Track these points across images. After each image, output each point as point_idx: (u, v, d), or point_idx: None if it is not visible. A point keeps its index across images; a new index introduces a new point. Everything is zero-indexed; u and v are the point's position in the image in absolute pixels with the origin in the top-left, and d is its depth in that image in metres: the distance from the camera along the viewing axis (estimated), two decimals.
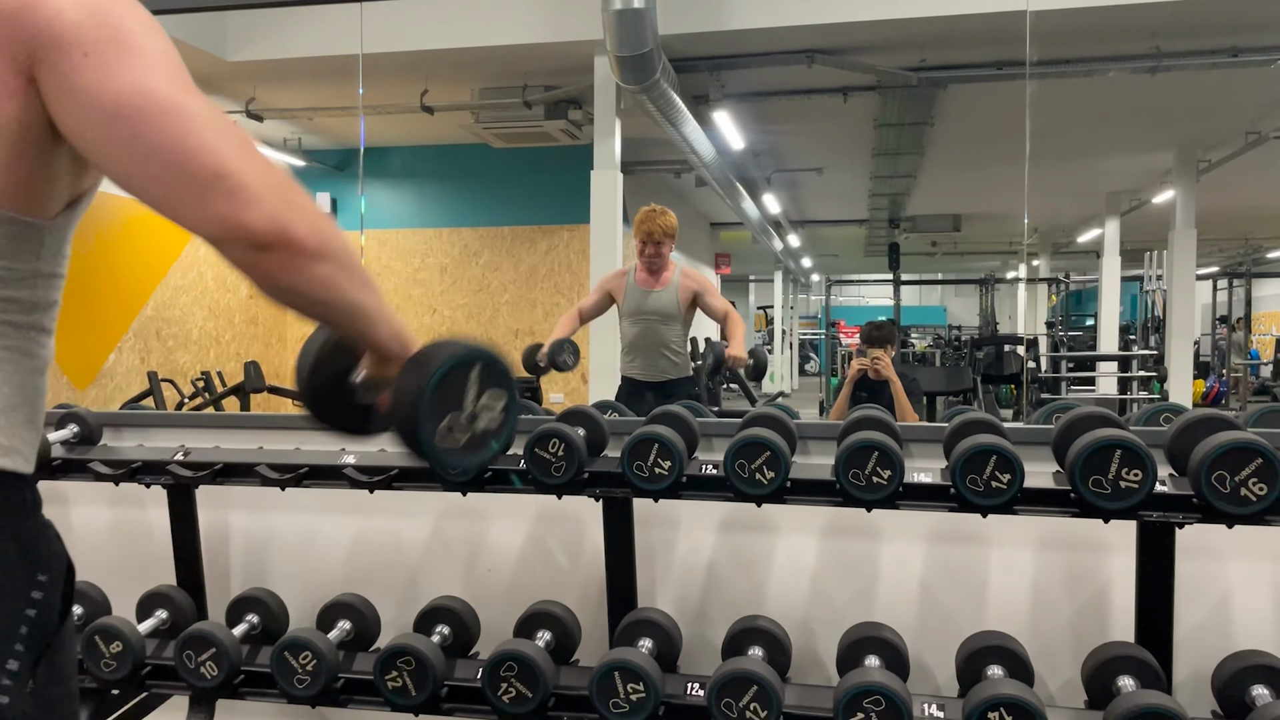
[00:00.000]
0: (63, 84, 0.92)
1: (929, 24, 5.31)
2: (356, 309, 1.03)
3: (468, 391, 1.10)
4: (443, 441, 1.08)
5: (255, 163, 0.94)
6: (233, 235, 0.92)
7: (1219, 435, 1.60)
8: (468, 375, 1.10)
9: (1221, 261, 16.31)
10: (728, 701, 1.68)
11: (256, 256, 0.93)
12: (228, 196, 0.91)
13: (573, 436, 1.87)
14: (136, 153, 0.92)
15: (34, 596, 0.97)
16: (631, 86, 5.30)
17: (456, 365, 1.08)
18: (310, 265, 0.96)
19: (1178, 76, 5.95)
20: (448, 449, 1.09)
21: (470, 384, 1.10)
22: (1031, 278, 15.55)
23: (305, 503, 2.37)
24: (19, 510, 0.99)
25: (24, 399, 1.01)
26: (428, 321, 9.08)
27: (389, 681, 1.88)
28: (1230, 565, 1.96)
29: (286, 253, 0.93)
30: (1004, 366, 10.25)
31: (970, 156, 9.38)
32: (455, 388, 1.09)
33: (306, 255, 0.95)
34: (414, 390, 1.06)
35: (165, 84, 0.93)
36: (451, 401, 1.09)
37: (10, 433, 0.99)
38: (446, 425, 1.08)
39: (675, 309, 3.93)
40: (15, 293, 0.99)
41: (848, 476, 1.73)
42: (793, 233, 14.52)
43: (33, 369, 1.02)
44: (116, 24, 0.94)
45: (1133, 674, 1.69)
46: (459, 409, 1.09)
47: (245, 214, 0.91)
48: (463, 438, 1.10)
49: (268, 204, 0.92)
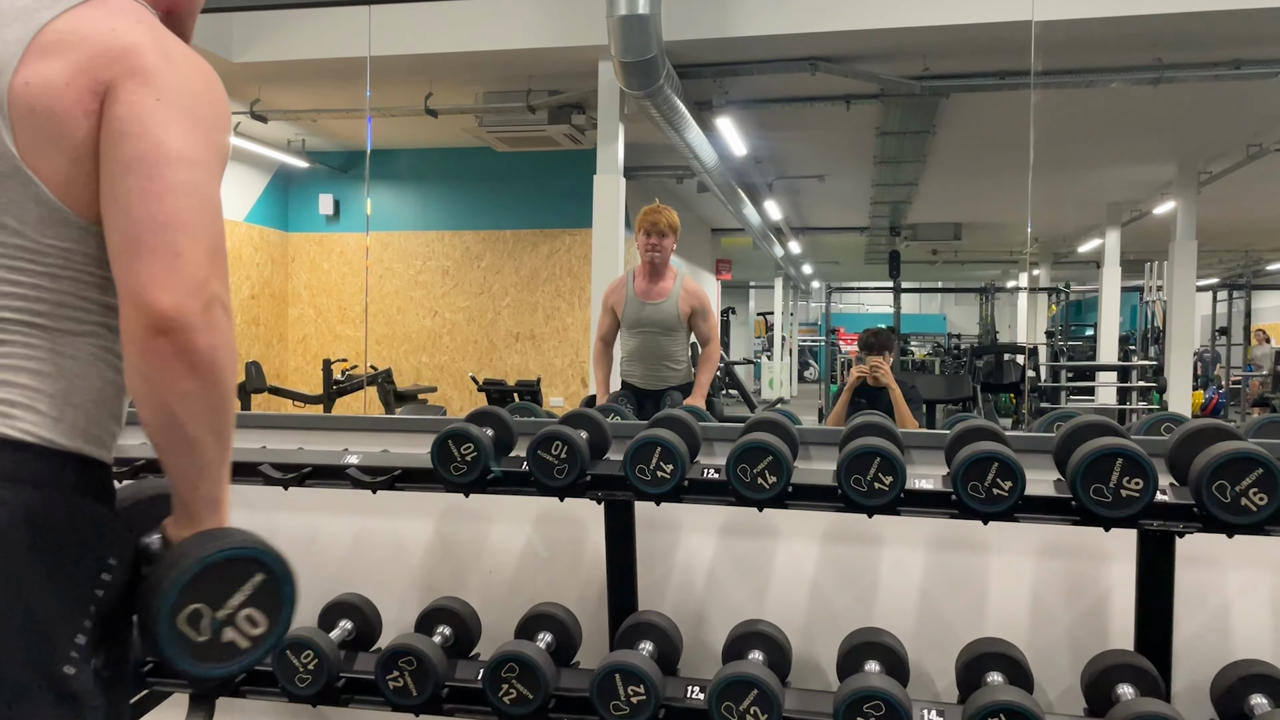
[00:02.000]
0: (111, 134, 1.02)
1: (932, 33, 5.32)
2: (199, 446, 1.04)
3: (234, 594, 1.03)
4: (181, 625, 1.01)
5: (213, 264, 1.02)
6: (140, 303, 0.98)
7: (1220, 445, 1.60)
8: (245, 579, 1.04)
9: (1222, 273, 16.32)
10: (728, 705, 1.69)
11: (148, 336, 0.98)
12: (160, 268, 0.98)
13: (575, 439, 1.88)
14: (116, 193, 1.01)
15: (104, 579, 1.04)
16: (635, 92, 5.31)
17: (239, 559, 1.03)
18: (186, 374, 0.99)
19: (1180, 88, 5.96)
20: (181, 635, 1.01)
21: (242, 589, 1.03)
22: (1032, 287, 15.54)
23: (308, 502, 2.37)
24: (99, 496, 1.08)
25: (113, 395, 1.10)
26: (429, 323, 9.08)
27: (390, 681, 1.88)
28: (1230, 575, 1.96)
29: (172, 347, 0.98)
30: (1003, 375, 10.25)
31: (972, 165, 9.39)
32: (225, 582, 1.02)
33: (188, 363, 0.99)
34: (181, 557, 1.01)
35: (187, 160, 1.03)
36: (212, 593, 1.02)
37: (100, 424, 1.08)
38: (192, 611, 1.01)
39: (675, 320, 3.91)
40: (108, 299, 1.07)
41: (849, 482, 1.74)
42: (793, 239, 14.52)
43: (118, 367, 1.09)
44: (192, 94, 1.07)
45: (1132, 682, 1.70)
46: (214, 605, 1.02)
47: (157, 290, 0.98)
48: (203, 637, 1.02)
49: (185, 282, 0.99)
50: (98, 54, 1.03)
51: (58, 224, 1.03)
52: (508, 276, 8.97)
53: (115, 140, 1.01)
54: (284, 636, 1.08)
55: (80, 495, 1.04)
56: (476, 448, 1.91)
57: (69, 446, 1.04)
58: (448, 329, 9.08)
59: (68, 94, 1.02)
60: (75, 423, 1.04)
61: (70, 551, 1.01)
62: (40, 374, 1.03)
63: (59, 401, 1.03)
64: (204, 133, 1.05)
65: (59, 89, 1.01)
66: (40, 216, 1.02)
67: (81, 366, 1.06)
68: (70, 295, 1.05)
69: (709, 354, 4.00)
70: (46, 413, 1.02)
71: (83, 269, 1.05)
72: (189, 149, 1.02)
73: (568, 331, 8.81)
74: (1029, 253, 15.53)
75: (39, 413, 1.02)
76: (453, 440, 1.91)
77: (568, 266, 8.83)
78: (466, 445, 1.91)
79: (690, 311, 3.90)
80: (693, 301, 3.91)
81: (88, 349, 1.07)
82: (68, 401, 1.04)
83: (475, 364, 8.92)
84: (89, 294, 1.06)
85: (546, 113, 6.72)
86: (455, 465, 1.91)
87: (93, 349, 1.07)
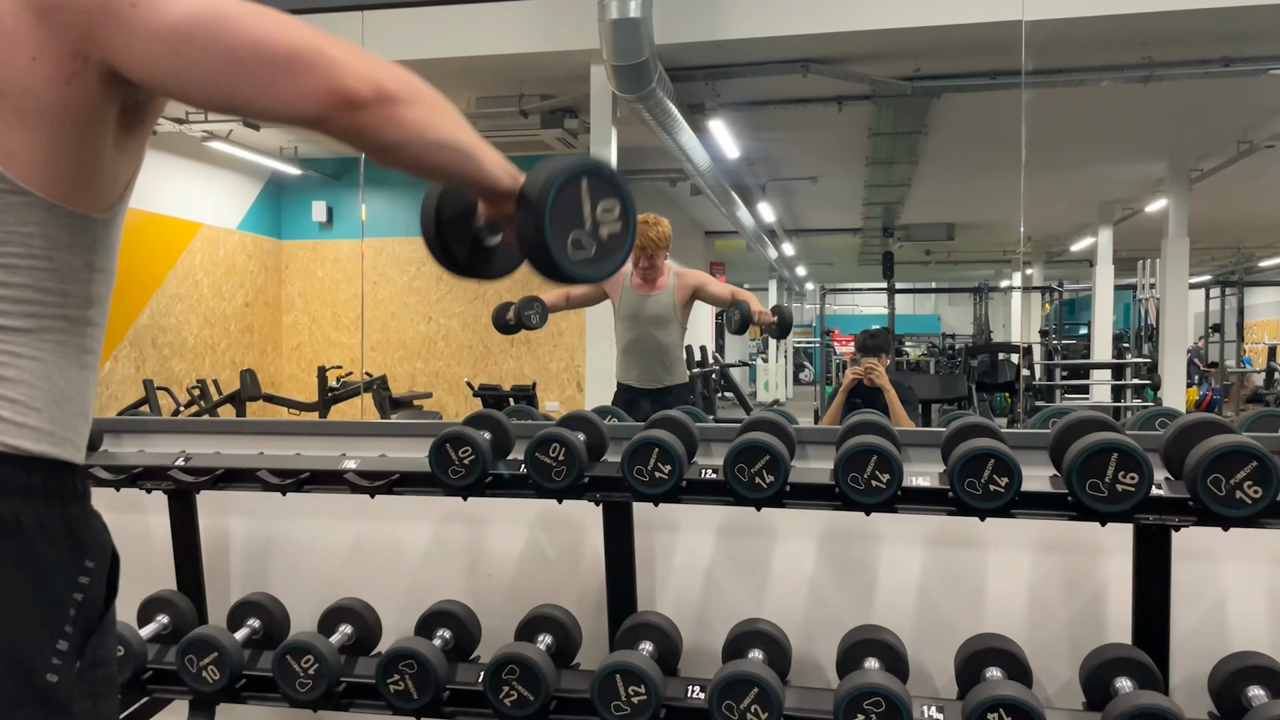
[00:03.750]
0: (123, 38, 0.95)
1: (923, 34, 5.34)
2: (462, 147, 1.05)
3: (583, 205, 1.13)
4: (575, 257, 1.12)
5: (322, 35, 0.97)
6: (332, 101, 0.95)
7: (1214, 439, 1.61)
8: (579, 190, 1.12)
9: (1214, 270, 16.38)
10: (729, 704, 1.69)
11: (359, 117, 0.96)
12: (314, 69, 0.95)
13: (573, 441, 1.88)
14: (214, 63, 0.95)
15: (81, 582, 1.02)
16: (628, 95, 5.32)
17: (565, 184, 1.11)
18: (410, 112, 0.99)
19: (1170, 86, 5.99)
20: (581, 262, 1.13)
21: (584, 197, 1.13)
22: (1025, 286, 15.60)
23: (306, 508, 2.37)
24: (70, 498, 1.04)
25: (77, 392, 1.05)
26: (423, 329, 9.08)
27: (391, 685, 1.88)
28: (1226, 568, 1.97)
29: (386, 105, 0.97)
30: (998, 375, 10.27)
31: (964, 165, 9.42)
32: (571, 205, 1.12)
33: (404, 103, 0.98)
34: (535, 217, 1.09)
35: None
36: (572, 219, 1.12)
37: (64, 424, 1.04)
38: (573, 241, 1.12)
39: (672, 313, 3.91)
40: (70, 286, 1.02)
41: (847, 480, 1.74)
42: (787, 241, 14.56)
43: (85, 363, 1.06)
44: None
45: (1130, 675, 1.71)
46: (580, 225, 1.12)
47: (336, 78, 0.95)
48: (591, 249, 1.13)
49: (353, 65, 0.96)
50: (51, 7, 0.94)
51: (21, 208, 0.97)
52: (502, 282, 8.94)
53: (178, 41, 0.93)
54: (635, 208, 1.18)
55: (51, 500, 1.01)
56: (474, 451, 1.91)
57: (35, 451, 1.00)
58: (442, 334, 9.07)
59: (39, 69, 0.94)
60: (40, 426, 1.01)
61: (44, 558, 0.99)
62: (0, 379, 0.99)
63: (21, 407, 0.99)
64: None
65: (24, 64, 0.94)
66: (3, 205, 0.96)
67: (43, 367, 1.01)
68: (28, 289, 0.99)
69: (741, 293, 3.92)
70: (9, 419, 0.98)
71: (42, 254, 0.99)
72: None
73: (563, 336, 8.80)
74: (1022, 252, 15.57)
75: (1, 419, 0.98)
76: (450, 444, 1.92)
77: None
78: (464, 449, 1.91)
79: (691, 294, 3.88)
80: (692, 282, 3.88)
81: (48, 346, 1.02)
82: (30, 405, 1.00)
83: (470, 369, 8.92)
84: (46, 284, 1.00)
85: (539, 117, 6.73)
86: (453, 469, 1.92)
87: (53, 345, 1.02)
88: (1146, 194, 10.09)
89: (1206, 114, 7.37)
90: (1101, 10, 5.01)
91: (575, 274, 1.13)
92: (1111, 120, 7.51)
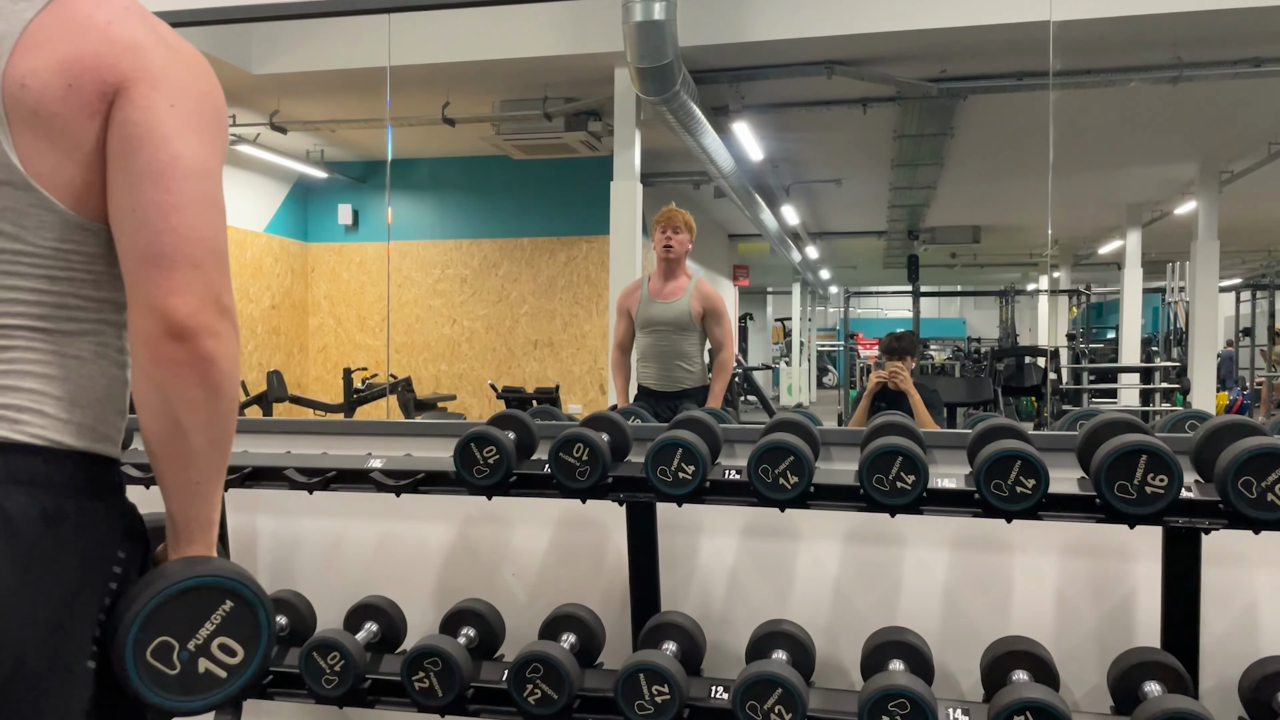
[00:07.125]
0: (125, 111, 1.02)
1: (949, 34, 5.31)
2: (197, 460, 1.06)
3: (203, 625, 1.02)
4: (149, 658, 0.99)
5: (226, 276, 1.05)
6: (170, 319, 1.00)
7: (1245, 441, 1.59)
8: (213, 608, 1.03)
9: (1244, 273, 16.16)
10: (752, 704, 1.69)
11: (188, 345, 1.01)
12: (192, 286, 1.01)
13: (597, 441, 1.89)
14: (134, 203, 1.01)
15: (115, 571, 1.07)
16: (651, 98, 5.32)
17: (203, 589, 1.02)
18: (196, 381, 1.02)
19: (1200, 87, 5.92)
20: (150, 668, 1.00)
21: (211, 619, 1.02)
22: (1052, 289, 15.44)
23: (332, 506, 2.39)
24: (111, 490, 1.11)
25: (117, 390, 1.12)
26: (448, 332, 9.12)
27: (416, 682, 1.89)
28: (1257, 572, 1.95)
29: (187, 353, 1.01)
30: (1024, 378, 10.17)
31: (990, 168, 9.35)
32: (192, 612, 1.01)
33: (200, 370, 1.02)
34: (143, 589, 1.01)
35: (202, 172, 1.04)
36: (179, 625, 1.01)
37: (107, 421, 1.10)
38: (159, 644, 1.00)
39: (688, 319, 3.92)
40: (112, 294, 1.09)
41: (872, 482, 1.74)
42: (811, 244, 14.49)
43: (123, 363, 1.13)
44: (199, 97, 1.07)
45: (1159, 680, 1.69)
46: (183, 637, 1.01)
47: (190, 304, 1.00)
48: (175, 669, 1.00)
49: (215, 302, 1.03)
50: (98, 53, 1.01)
51: (58, 227, 1.03)
52: (525, 284, 8.99)
53: (130, 148, 1.01)
54: (266, 662, 1.07)
55: (90, 494, 1.06)
56: (499, 450, 1.92)
57: (77, 446, 1.05)
58: (466, 337, 9.11)
59: (71, 98, 1.00)
60: (83, 422, 1.06)
61: (84, 550, 1.03)
62: (45, 377, 1.04)
63: (65, 403, 1.05)
64: (212, 137, 1.06)
65: (60, 92, 1.00)
66: (40, 221, 1.02)
67: (85, 366, 1.08)
68: (70, 295, 1.06)
69: (723, 361, 3.99)
70: (54, 415, 1.04)
71: (81, 268, 1.06)
72: (203, 159, 1.04)
73: (586, 339, 8.82)
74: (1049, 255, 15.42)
75: (46, 415, 1.03)
76: (475, 443, 1.93)
77: (585, 274, 8.84)
78: (489, 448, 1.92)
79: (702, 312, 3.90)
80: (705, 303, 3.91)
81: (90, 347, 1.08)
82: (74, 402, 1.06)
83: (494, 372, 8.95)
84: (87, 292, 1.07)
85: (563, 120, 6.74)
86: (478, 468, 1.93)
87: (95, 347, 1.09)
88: (1176, 196, 9.97)
89: (1237, 115, 7.28)
90: (1130, 10, 4.96)
91: (130, 672, 0.99)
92: (1140, 122, 7.43)
